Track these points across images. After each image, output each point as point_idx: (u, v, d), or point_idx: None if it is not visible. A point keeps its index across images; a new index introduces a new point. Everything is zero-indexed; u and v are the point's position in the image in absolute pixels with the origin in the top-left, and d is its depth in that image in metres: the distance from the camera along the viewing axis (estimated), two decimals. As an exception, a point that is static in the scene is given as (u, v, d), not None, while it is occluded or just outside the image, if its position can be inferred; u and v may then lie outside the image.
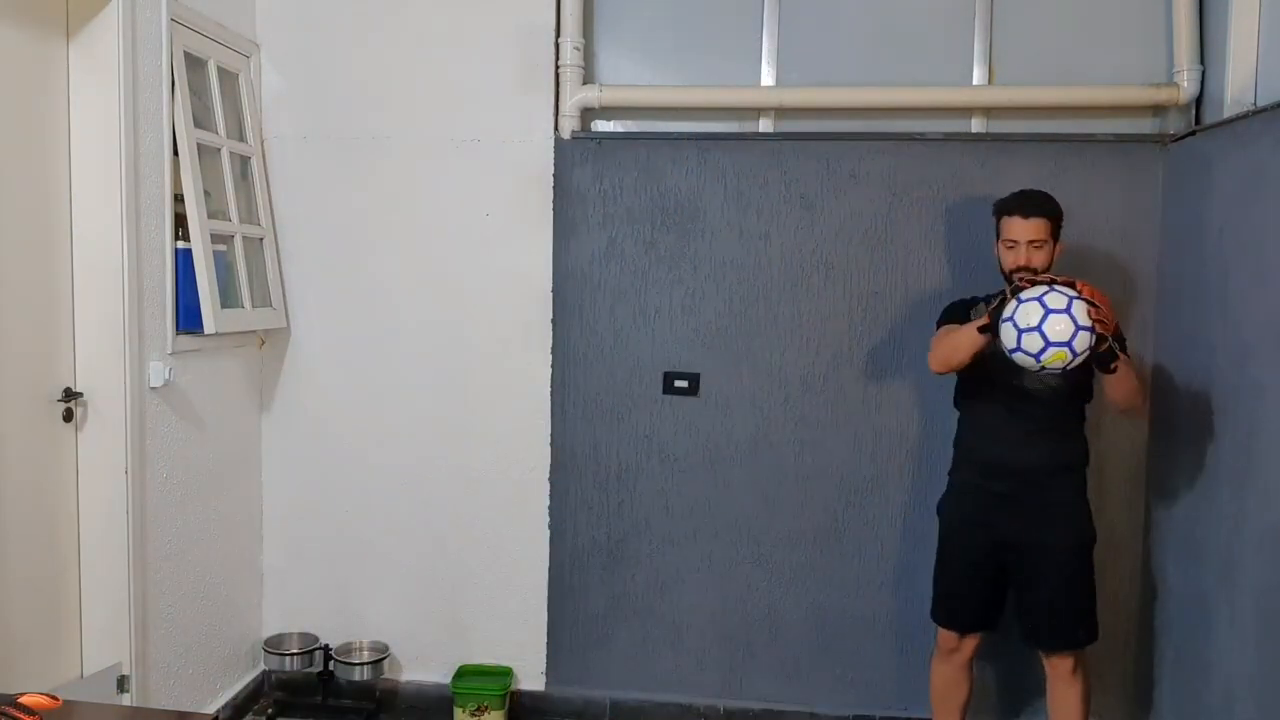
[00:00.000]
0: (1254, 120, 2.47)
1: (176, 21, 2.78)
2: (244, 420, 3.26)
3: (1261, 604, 2.31)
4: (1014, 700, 3.14)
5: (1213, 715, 2.52)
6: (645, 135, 3.18)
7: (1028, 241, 2.53)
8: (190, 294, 2.83)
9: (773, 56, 3.17)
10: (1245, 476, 2.40)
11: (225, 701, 3.16)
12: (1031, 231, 2.53)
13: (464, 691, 3.20)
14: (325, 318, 3.31)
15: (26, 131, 2.45)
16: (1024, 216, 2.54)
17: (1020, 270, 2.53)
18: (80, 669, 2.67)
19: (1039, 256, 2.53)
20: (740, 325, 3.15)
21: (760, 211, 3.12)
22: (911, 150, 3.06)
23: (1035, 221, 2.53)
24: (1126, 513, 3.04)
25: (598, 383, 3.22)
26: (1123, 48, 3.06)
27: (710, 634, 3.25)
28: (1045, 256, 2.54)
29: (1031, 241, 2.53)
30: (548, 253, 3.20)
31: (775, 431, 3.16)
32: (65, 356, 2.60)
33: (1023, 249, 2.53)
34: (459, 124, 3.20)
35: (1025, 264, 2.53)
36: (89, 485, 2.65)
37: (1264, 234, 2.36)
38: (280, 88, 3.27)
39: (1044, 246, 2.53)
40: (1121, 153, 2.99)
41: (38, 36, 2.48)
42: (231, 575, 3.21)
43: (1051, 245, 2.55)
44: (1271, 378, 2.30)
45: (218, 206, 3.00)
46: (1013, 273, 2.55)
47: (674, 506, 3.23)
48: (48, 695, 1.49)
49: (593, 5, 3.21)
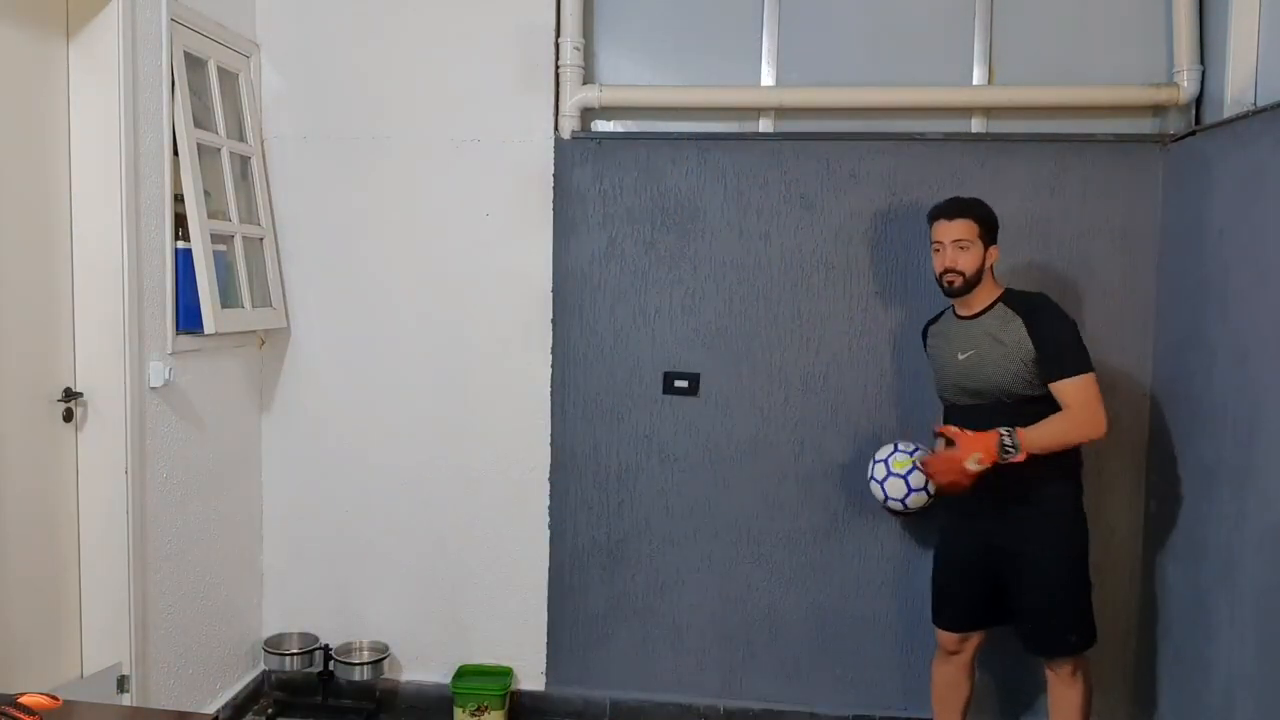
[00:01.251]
0: (1254, 120, 2.47)
1: (176, 21, 2.78)
2: (244, 420, 3.26)
3: (1261, 604, 2.31)
4: (1014, 700, 3.14)
5: (1213, 715, 2.52)
6: (645, 135, 3.18)
7: (951, 241, 2.55)
8: (190, 294, 2.83)
9: (773, 56, 3.17)
10: (1245, 476, 2.40)
11: (225, 701, 3.16)
12: (955, 231, 2.55)
13: (464, 691, 3.20)
14: (325, 318, 3.31)
15: (26, 131, 2.45)
16: (947, 218, 2.57)
17: (948, 272, 2.56)
18: (80, 669, 2.67)
19: (964, 258, 2.54)
20: (740, 325, 3.15)
21: (760, 211, 3.12)
22: (911, 150, 3.06)
23: (958, 222, 2.55)
24: (1126, 513, 3.04)
25: (598, 383, 3.22)
26: (1123, 48, 3.06)
27: (710, 634, 3.25)
28: (971, 259, 2.54)
29: (955, 241, 2.55)
30: (548, 253, 3.20)
31: (775, 431, 3.16)
32: (65, 356, 2.60)
33: (947, 250, 2.56)
34: (459, 124, 3.20)
35: (950, 265, 2.55)
36: (89, 485, 2.65)
37: (1264, 234, 2.36)
38: (280, 88, 3.27)
39: (969, 248, 2.54)
40: (1121, 153, 2.99)
41: (38, 36, 2.48)
42: (231, 575, 3.21)
43: (981, 248, 2.55)
44: (1271, 378, 2.30)
45: (218, 206, 3.00)
46: (941, 275, 2.59)
47: (674, 506, 3.23)
48: (48, 695, 1.50)
49: (593, 5, 3.21)
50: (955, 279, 2.56)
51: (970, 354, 2.57)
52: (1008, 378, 2.50)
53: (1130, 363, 2.98)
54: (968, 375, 2.57)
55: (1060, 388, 2.46)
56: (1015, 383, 2.50)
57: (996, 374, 2.51)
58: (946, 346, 2.66)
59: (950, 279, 2.57)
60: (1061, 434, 2.46)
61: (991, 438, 2.44)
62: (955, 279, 2.56)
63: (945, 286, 2.60)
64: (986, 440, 2.45)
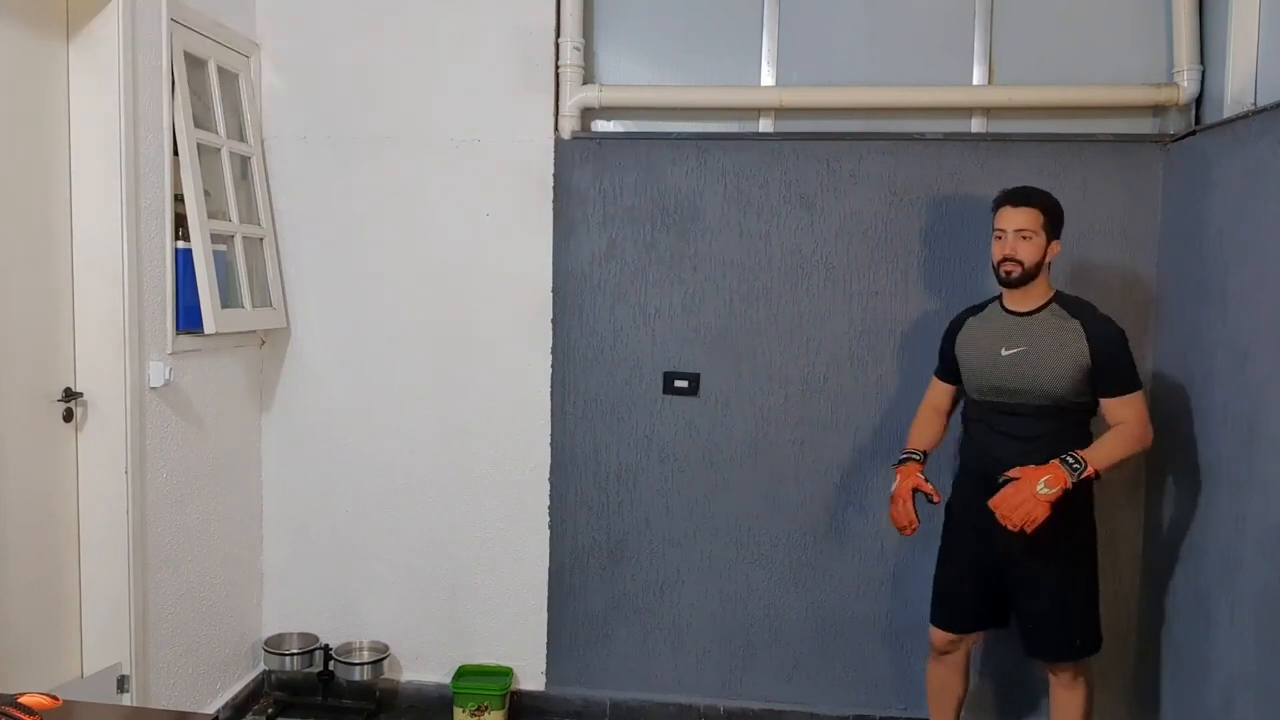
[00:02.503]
0: (1254, 120, 2.47)
1: (176, 21, 2.78)
2: (244, 420, 3.26)
3: (1261, 604, 2.31)
4: (1014, 702, 3.14)
5: (1213, 715, 2.52)
6: (645, 135, 3.18)
7: (1015, 230, 2.48)
8: (190, 294, 2.83)
9: (773, 56, 3.17)
10: (1245, 476, 2.40)
11: (225, 701, 3.16)
12: (1019, 220, 2.48)
13: (464, 691, 3.20)
14: (325, 318, 3.31)
15: (26, 131, 2.45)
16: (1013, 205, 2.50)
17: (1007, 261, 2.49)
18: (80, 669, 2.67)
19: (1025, 248, 2.47)
20: (740, 325, 3.15)
21: (760, 211, 3.12)
22: (911, 150, 3.06)
23: (1024, 210, 2.48)
24: (1126, 513, 3.04)
25: (598, 383, 3.22)
26: (1123, 48, 3.06)
27: (710, 634, 3.25)
28: (1032, 250, 2.47)
29: (1019, 230, 2.47)
30: (548, 253, 3.20)
31: (775, 431, 3.16)
32: (65, 356, 2.60)
33: (1009, 238, 2.49)
34: (459, 124, 3.20)
35: (1010, 254, 2.48)
36: (89, 485, 2.65)
37: (1264, 234, 2.36)
38: (280, 88, 3.27)
39: (1032, 238, 2.47)
40: (1121, 153, 2.99)
41: (38, 36, 2.47)
42: (231, 575, 3.21)
43: (1043, 240, 2.49)
44: (1271, 378, 2.30)
45: (218, 206, 3.00)
46: (999, 264, 2.52)
47: (674, 506, 3.23)
48: (48, 695, 1.49)
49: (593, 5, 3.21)
50: (1014, 268, 2.48)
51: (1019, 350, 2.50)
52: (1056, 381, 2.45)
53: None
54: (1011, 372, 2.51)
55: (1116, 404, 2.44)
56: (1061, 386, 2.45)
57: (1045, 376, 2.46)
58: (988, 341, 2.58)
59: (1009, 268, 2.49)
60: (1122, 453, 2.43)
61: (1053, 464, 2.38)
62: (1014, 268, 2.48)
63: (1002, 276, 2.51)
64: (1050, 465, 2.38)
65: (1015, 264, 2.48)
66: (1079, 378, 2.45)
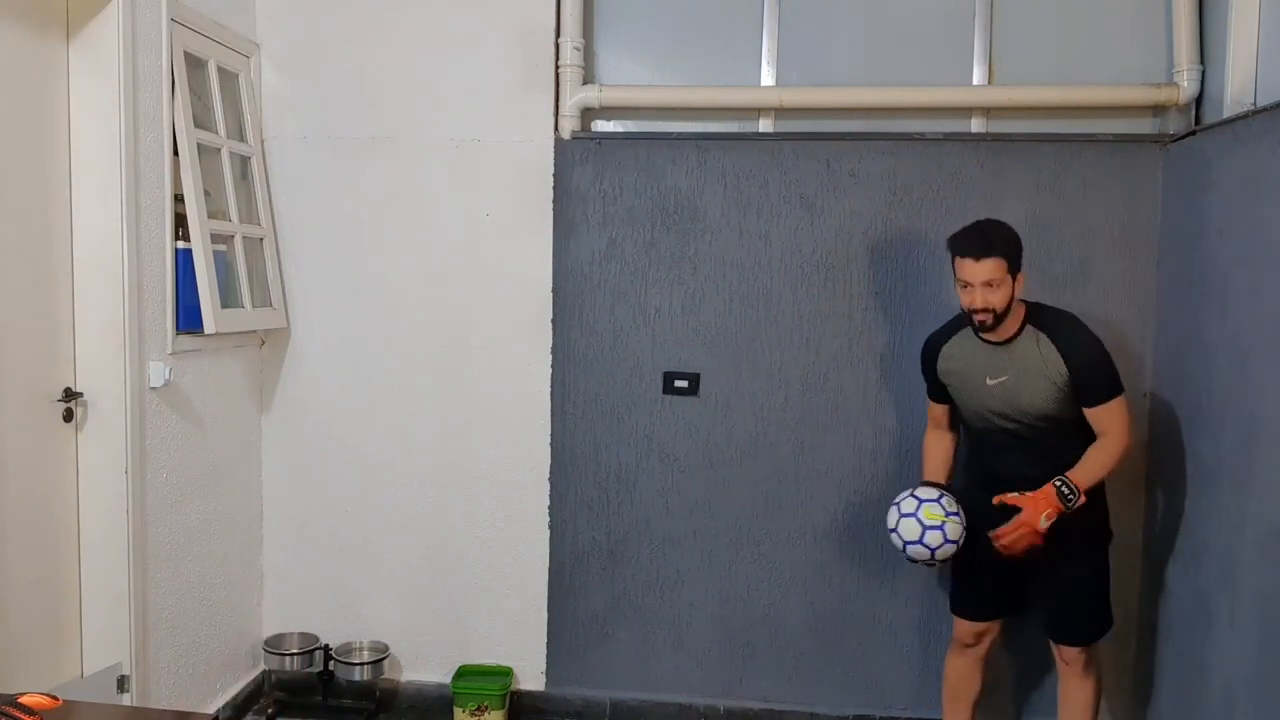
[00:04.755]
0: (1254, 120, 2.47)
1: (176, 21, 2.78)
2: (244, 420, 3.26)
3: (1261, 604, 2.31)
4: (1023, 697, 3.14)
5: (1213, 715, 2.52)
6: (645, 135, 3.18)
7: (981, 283, 2.46)
8: (190, 294, 2.83)
9: (773, 56, 3.17)
10: (1245, 476, 2.40)
11: (225, 701, 3.16)
12: (983, 273, 2.44)
13: (464, 691, 3.20)
14: (325, 318, 3.31)
15: (26, 131, 2.45)
16: (975, 259, 2.45)
17: (979, 312, 2.49)
18: (80, 669, 2.67)
19: (995, 297, 2.46)
20: (740, 325, 3.15)
21: (760, 211, 3.12)
22: (911, 150, 3.06)
23: (987, 263, 2.43)
24: (1126, 513, 3.03)
25: (598, 383, 3.22)
26: (1123, 48, 3.06)
27: (710, 634, 3.25)
28: (1002, 296, 2.46)
29: (985, 283, 2.45)
30: (548, 253, 3.20)
31: (775, 431, 3.16)
32: (65, 356, 2.60)
33: (977, 291, 2.47)
34: (459, 124, 3.20)
35: (981, 306, 2.47)
36: (89, 485, 2.65)
37: (1263, 234, 2.36)
38: (280, 88, 3.27)
39: (1000, 286, 2.45)
40: (1121, 153, 2.99)
41: (38, 36, 2.48)
42: (231, 575, 3.21)
43: (1010, 282, 2.47)
44: (1271, 378, 2.30)
45: (218, 206, 3.00)
46: (971, 313, 2.52)
47: (674, 506, 3.23)
48: (48, 695, 1.49)
49: (593, 5, 3.21)
50: (987, 317, 2.49)
51: (1003, 379, 2.55)
52: (1045, 403, 2.51)
53: (1130, 363, 2.97)
54: (1000, 400, 2.56)
55: (1097, 414, 2.49)
56: (1050, 406, 2.51)
57: (1033, 399, 2.52)
58: (972, 371, 2.61)
59: (983, 318, 2.49)
60: (1106, 464, 2.50)
61: (1049, 491, 2.46)
62: (987, 317, 2.49)
63: (977, 325, 2.53)
64: (1048, 496, 2.46)
65: (988, 313, 2.49)
66: (1063, 394, 2.51)
